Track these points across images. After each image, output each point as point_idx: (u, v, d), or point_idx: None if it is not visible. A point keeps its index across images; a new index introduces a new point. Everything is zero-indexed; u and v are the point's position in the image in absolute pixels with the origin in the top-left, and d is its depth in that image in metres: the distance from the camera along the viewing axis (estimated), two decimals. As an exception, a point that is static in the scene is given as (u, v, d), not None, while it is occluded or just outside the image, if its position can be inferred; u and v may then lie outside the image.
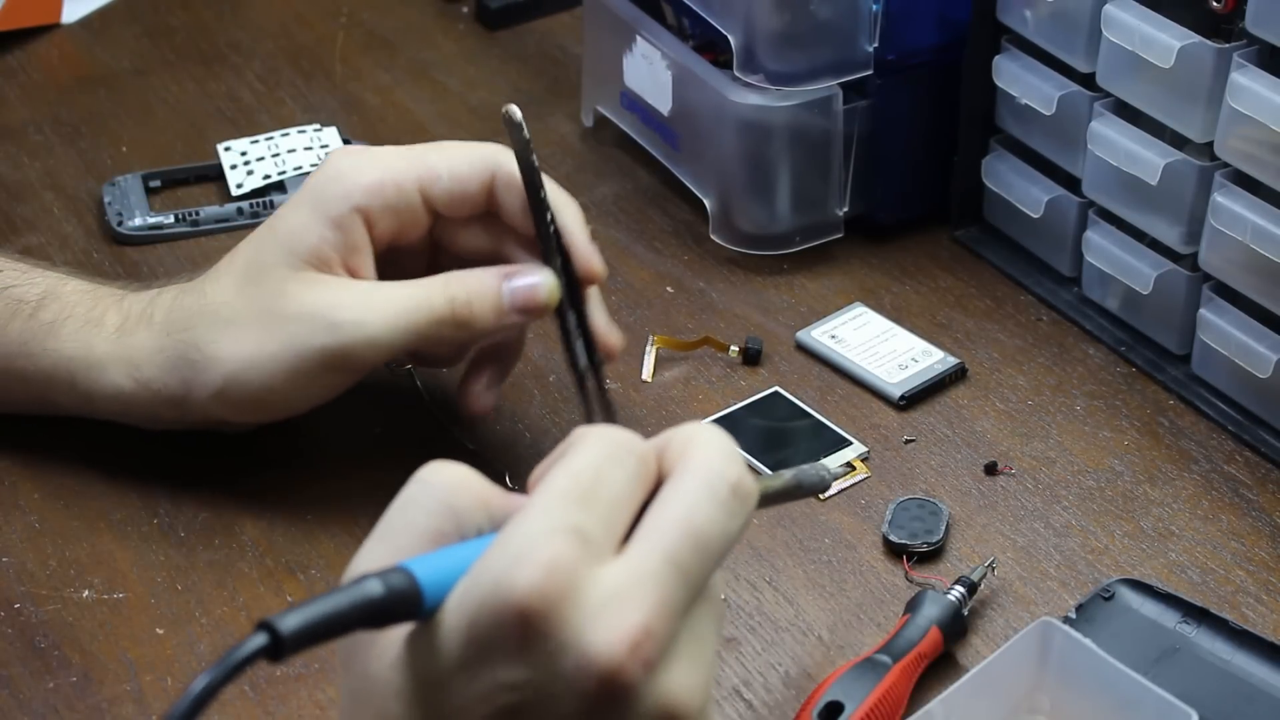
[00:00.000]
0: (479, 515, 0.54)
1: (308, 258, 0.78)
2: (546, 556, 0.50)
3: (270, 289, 0.78)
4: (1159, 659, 0.74)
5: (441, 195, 0.80)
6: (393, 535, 0.54)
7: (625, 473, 0.53)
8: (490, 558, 0.51)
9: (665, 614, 0.51)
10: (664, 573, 0.51)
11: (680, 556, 0.52)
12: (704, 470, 0.54)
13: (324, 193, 0.79)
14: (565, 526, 0.51)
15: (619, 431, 0.55)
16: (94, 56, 1.17)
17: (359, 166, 0.80)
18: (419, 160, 0.80)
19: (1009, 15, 0.93)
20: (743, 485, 0.54)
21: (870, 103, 0.97)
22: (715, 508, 0.53)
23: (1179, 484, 0.85)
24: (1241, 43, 0.82)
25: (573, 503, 0.52)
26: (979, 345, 0.93)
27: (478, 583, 0.51)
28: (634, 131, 1.05)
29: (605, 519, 0.52)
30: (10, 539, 0.81)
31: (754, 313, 0.95)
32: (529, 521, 0.51)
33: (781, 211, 0.98)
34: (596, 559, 0.51)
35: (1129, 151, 0.88)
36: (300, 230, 0.79)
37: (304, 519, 0.82)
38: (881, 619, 0.78)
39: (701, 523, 0.52)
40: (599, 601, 0.50)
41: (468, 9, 1.22)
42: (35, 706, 0.74)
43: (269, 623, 0.49)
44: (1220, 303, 0.87)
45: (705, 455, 0.54)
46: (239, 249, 0.81)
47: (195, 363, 0.79)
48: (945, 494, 0.84)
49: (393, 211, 0.79)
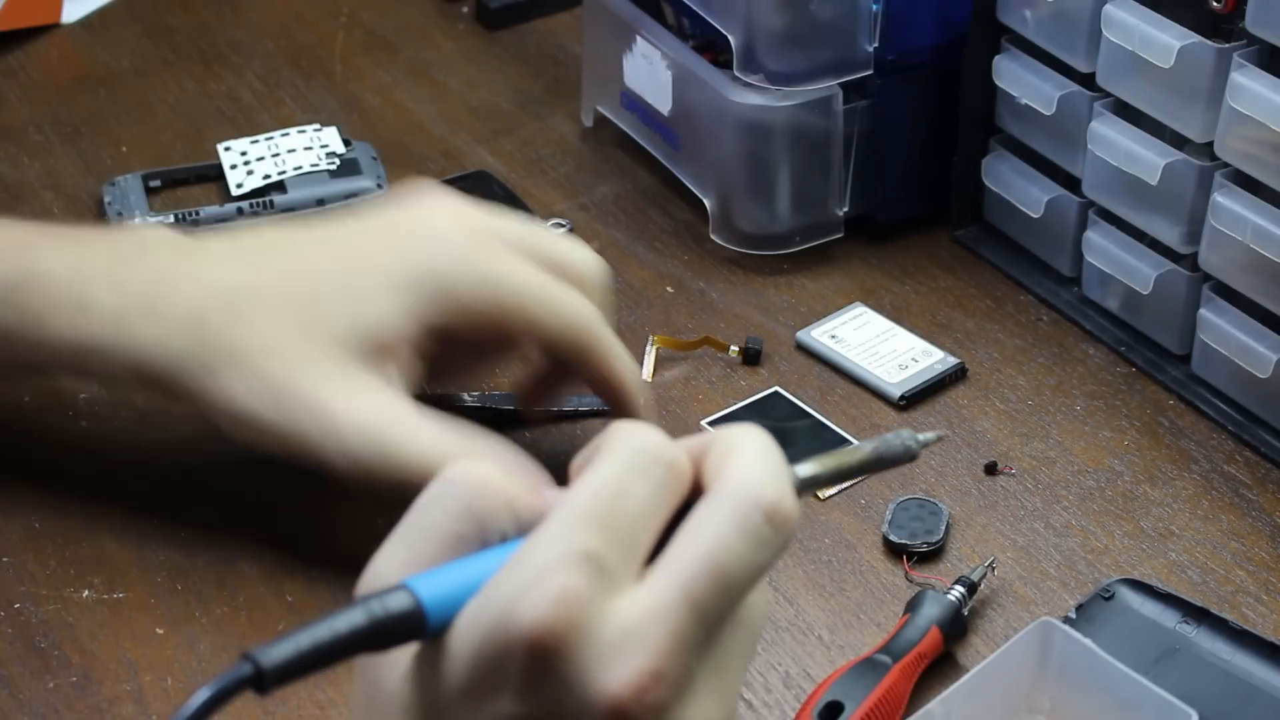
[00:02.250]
0: (504, 519, 0.51)
1: (366, 339, 0.74)
2: (557, 587, 0.47)
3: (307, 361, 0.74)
4: (1159, 659, 0.74)
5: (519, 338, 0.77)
6: (413, 537, 0.51)
7: (650, 485, 0.50)
8: (499, 584, 0.49)
9: (678, 655, 0.48)
10: (680, 611, 0.48)
11: (699, 594, 0.48)
12: (739, 493, 0.50)
13: (413, 281, 0.75)
14: (580, 553, 0.48)
15: (650, 434, 0.51)
16: (94, 56, 1.17)
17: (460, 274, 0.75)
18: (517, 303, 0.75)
19: (1009, 15, 0.93)
20: (780, 510, 0.50)
21: (870, 103, 0.97)
22: (744, 539, 0.49)
23: (1179, 484, 0.85)
24: (1241, 43, 0.82)
25: (590, 524, 0.49)
26: (979, 345, 0.93)
27: (485, 609, 0.48)
28: (634, 131, 1.05)
29: (624, 541, 0.49)
30: (10, 539, 0.81)
31: (754, 313, 0.95)
32: (543, 546, 0.49)
33: (781, 211, 0.98)
34: (611, 587, 0.48)
35: (1129, 151, 0.88)
36: (372, 308, 0.74)
37: (304, 519, 0.82)
38: (881, 619, 0.78)
39: (727, 557, 0.49)
40: (610, 639, 0.48)
41: (468, 9, 1.22)
42: (35, 706, 0.74)
43: (252, 655, 0.47)
44: (1220, 303, 0.87)
45: (743, 473, 0.50)
46: (291, 274, 0.76)
47: (196, 388, 0.75)
48: (945, 494, 0.84)
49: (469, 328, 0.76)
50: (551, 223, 1.01)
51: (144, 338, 0.76)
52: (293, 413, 0.74)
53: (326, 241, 0.78)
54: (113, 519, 0.82)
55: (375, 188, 1.03)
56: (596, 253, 0.81)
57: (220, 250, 0.78)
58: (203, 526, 0.82)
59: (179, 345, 0.75)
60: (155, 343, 0.76)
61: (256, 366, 0.74)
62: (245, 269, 0.76)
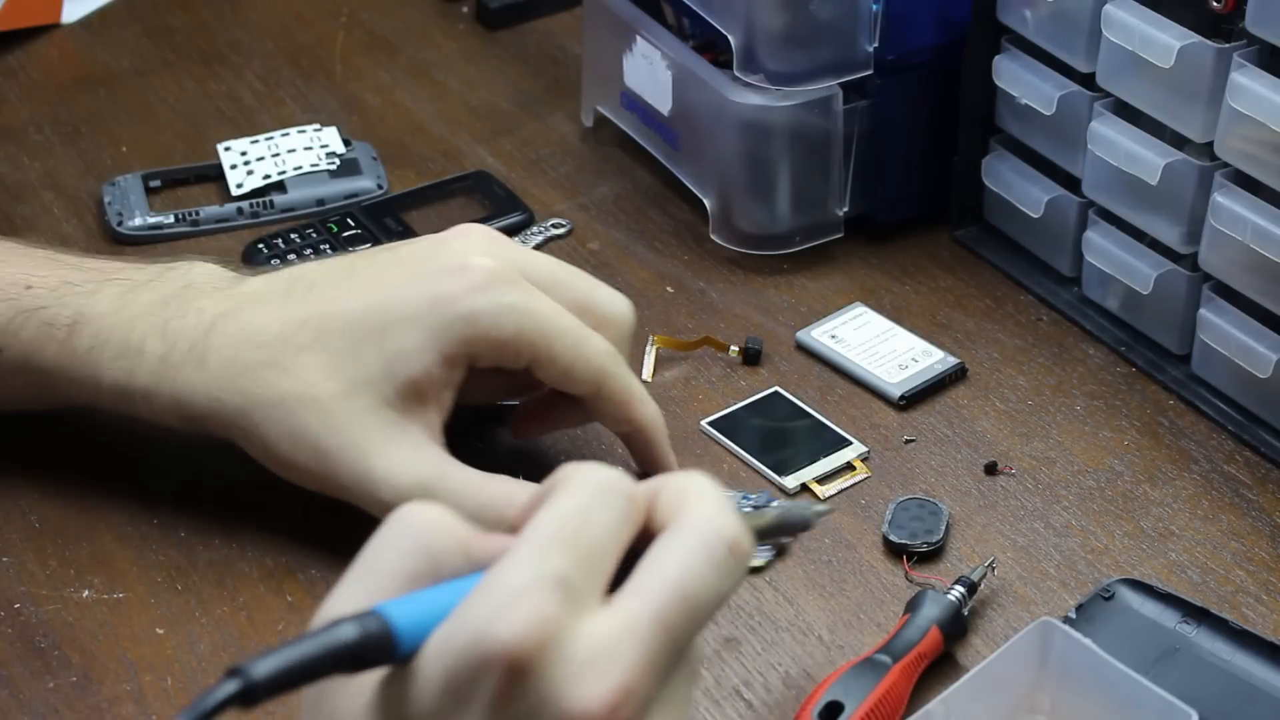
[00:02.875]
0: (457, 558, 0.53)
1: (406, 386, 0.75)
2: (530, 608, 0.49)
3: (349, 414, 0.75)
4: (1159, 659, 0.74)
5: (544, 376, 0.78)
6: (367, 576, 0.52)
7: (612, 515, 0.52)
8: (472, 605, 0.50)
9: (647, 674, 0.50)
10: (650, 633, 0.50)
11: (668, 617, 0.51)
12: (702, 527, 0.52)
13: (450, 325, 0.75)
14: (549, 576, 0.50)
15: (606, 470, 0.53)
16: (94, 56, 1.17)
17: (496, 316, 0.75)
18: (545, 341, 0.76)
19: (1009, 15, 0.93)
20: (740, 545, 0.53)
21: (870, 103, 0.97)
22: (710, 569, 0.52)
23: (1179, 484, 0.85)
24: (1241, 43, 0.82)
25: (557, 550, 0.51)
26: (979, 345, 0.93)
27: (458, 631, 0.50)
28: (634, 131, 1.05)
29: (590, 566, 0.51)
30: (10, 539, 0.81)
31: (754, 313, 0.95)
32: (513, 570, 0.50)
33: (781, 211, 0.98)
34: (580, 609, 0.50)
35: (1129, 151, 0.88)
36: (411, 355, 0.75)
37: (304, 519, 0.82)
38: (881, 619, 0.78)
39: (694, 584, 0.51)
40: (582, 657, 0.49)
41: (468, 9, 1.22)
42: (35, 706, 0.74)
43: (240, 669, 0.48)
44: (1220, 303, 0.87)
45: (704, 511, 0.53)
46: (331, 322, 0.76)
47: (241, 433, 0.77)
48: (945, 494, 0.84)
49: (498, 362, 0.77)
50: (551, 223, 1.01)
51: (189, 385, 0.78)
52: (333, 467, 0.76)
53: (362, 281, 0.78)
54: (113, 519, 0.82)
55: (375, 188, 1.04)
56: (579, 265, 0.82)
57: (262, 293, 0.79)
58: (203, 526, 0.82)
59: (222, 394, 0.77)
60: (200, 390, 0.77)
61: (297, 419, 0.76)
62: (285, 315, 0.78)
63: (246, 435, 0.77)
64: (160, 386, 0.78)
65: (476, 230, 0.80)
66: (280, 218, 1.02)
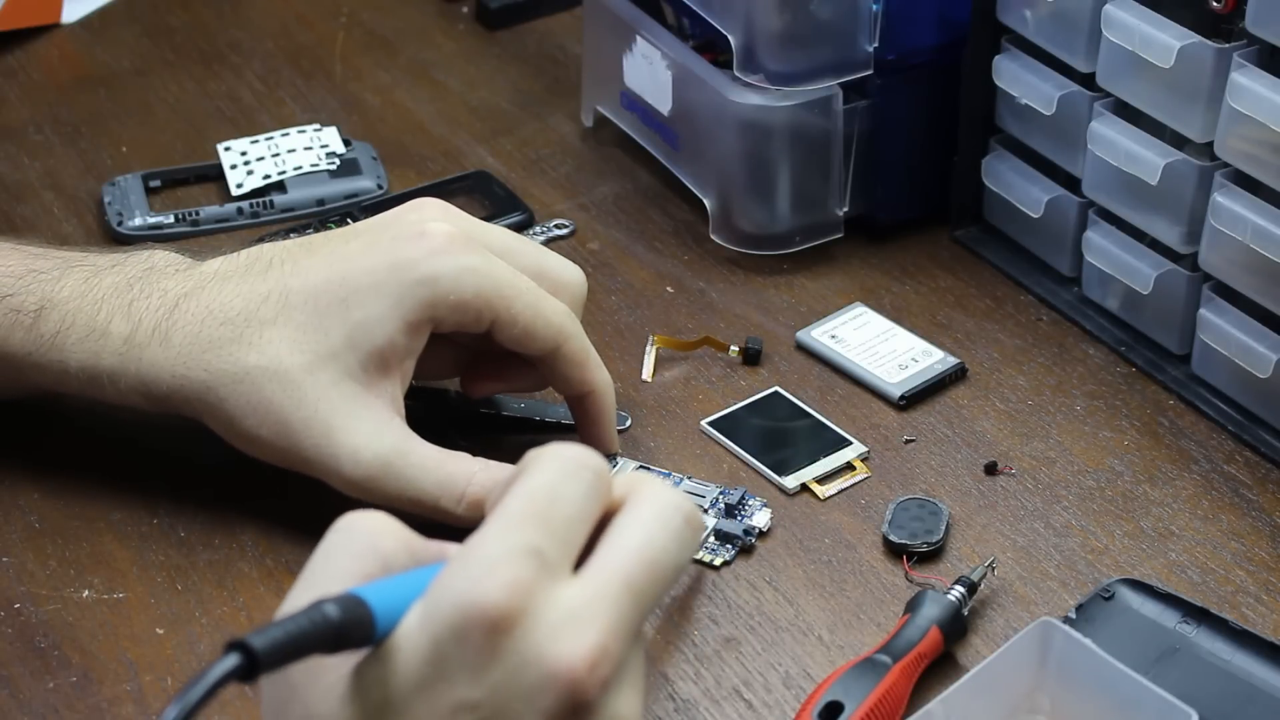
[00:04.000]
0: (403, 558, 0.55)
1: (370, 355, 0.76)
2: (507, 573, 0.51)
3: (314, 387, 0.76)
4: (1159, 659, 0.74)
5: (502, 338, 0.78)
6: (320, 582, 0.54)
7: (581, 488, 0.55)
8: (451, 578, 0.52)
9: (621, 635, 0.53)
10: (621, 596, 0.53)
11: (636, 582, 0.54)
12: (658, 501, 0.56)
13: (411, 292, 0.76)
14: (523, 547, 0.52)
15: (575, 448, 0.56)
16: (94, 56, 1.17)
17: (456, 279, 0.76)
18: (504, 302, 0.77)
19: (1009, 15, 0.93)
20: (694, 517, 0.57)
21: (870, 103, 0.97)
22: (670, 537, 0.55)
23: (1179, 484, 0.85)
24: (1241, 43, 0.82)
25: (529, 523, 0.53)
26: (979, 345, 0.93)
27: (439, 602, 0.52)
28: (634, 131, 1.05)
29: (562, 537, 0.54)
30: (10, 539, 0.81)
31: (754, 313, 0.95)
32: (487, 543, 0.53)
33: (781, 211, 0.98)
34: (554, 578, 0.53)
35: (1129, 151, 0.88)
36: (374, 325, 0.76)
37: (304, 519, 0.82)
38: (881, 619, 0.78)
39: (657, 551, 0.55)
40: (559, 620, 0.52)
41: (468, 9, 1.22)
42: (35, 706, 0.74)
43: (243, 641, 0.49)
44: (1220, 303, 0.87)
45: (657, 488, 0.57)
46: (294, 297, 0.77)
47: (207, 410, 0.78)
48: (945, 494, 0.84)
49: (459, 326, 0.78)
50: (555, 223, 1.01)
51: (154, 364, 0.78)
52: (298, 442, 0.77)
53: (322, 255, 0.79)
54: (113, 519, 0.82)
55: (375, 188, 1.04)
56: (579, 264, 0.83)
57: (224, 272, 0.79)
58: (203, 526, 0.82)
59: (187, 371, 0.77)
60: (165, 369, 0.78)
61: (262, 393, 0.77)
62: (247, 291, 0.78)
63: (212, 411, 0.78)
64: (126, 367, 0.78)
65: (431, 202, 0.80)
66: (280, 218, 1.02)
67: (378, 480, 0.76)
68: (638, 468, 0.84)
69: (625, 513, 0.56)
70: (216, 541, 0.81)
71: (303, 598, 0.53)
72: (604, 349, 0.92)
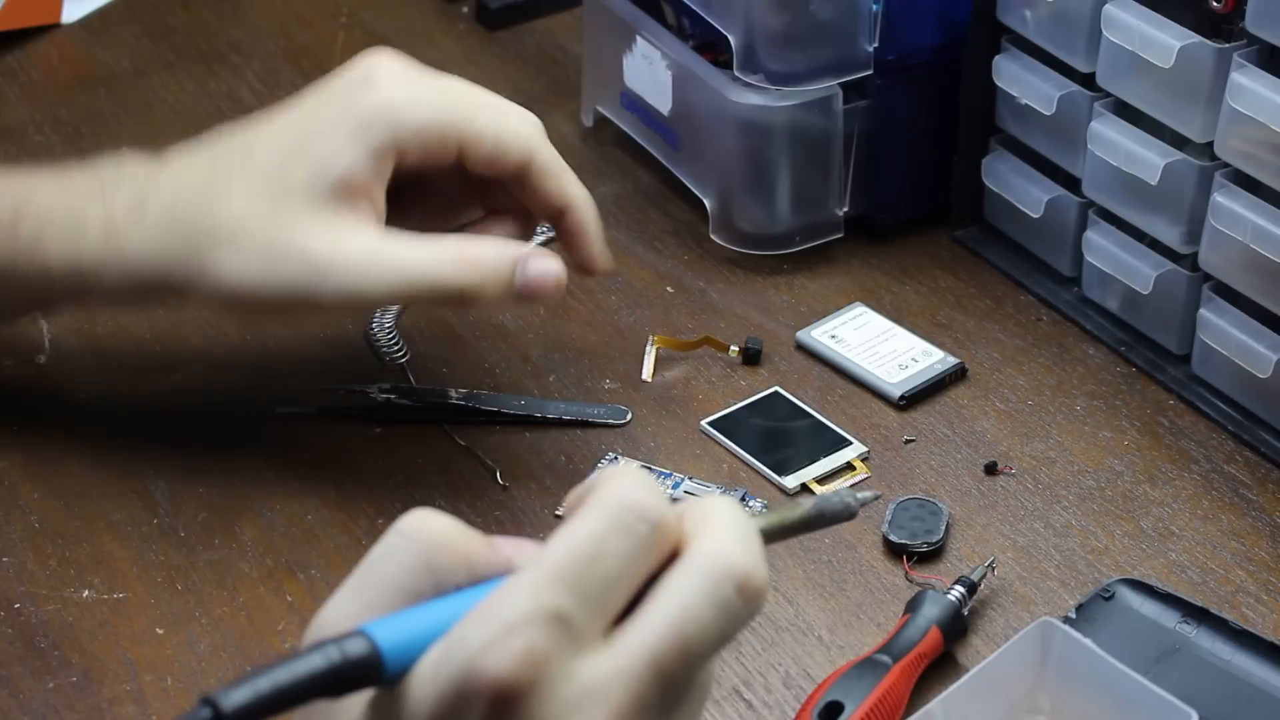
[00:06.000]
0: (460, 574, 0.51)
1: (335, 186, 0.76)
2: (523, 644, 0.47)
3: (286, 219, 0.76)
4: (1159, 659, 0.74)
5: (475, 160, 0.79)
6: (367, 589, 0.51)
7: (631, 544, 0.50)
8: (464, 633, 0.49)
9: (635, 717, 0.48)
10: (644, 675, 0.49)
11: (664, 660, 0.49)
12: (712, 563, 0.50)
13: (369, 118, 0.77)
14: (549, 611, 0.48)
15: (637, 490, 0.50)
16: (94, 56, 1.17)
17: (411, 101, 0.78)
18: (467, 118, 0.78)
19: (1009, 15, 0.93)
20: (752, 582, 0.50)
21: (870, 103, 0.97)
22: (714, 611, 0.49)
23: (1179, 484, 0.85)
24: (1241, 43, 0.82)
25: (563, 583, 0.49)
26: (979, 345, 0.93)
27: (449, 659, 0.48)
28: (634, 131, 1.05)
29: (595, 602, 0.49)
30: (10, 539, 0.81)
31: (754, 313, 0.95)
32: (512, 601, 0.48)
33: (781, 211, 0.98)
34: (578, 647, 0.48)
35: (1129, 151, 0.88)
36: (335, 154, 0.77)
37: (304, 519, 0.82)
38: (881, 619, 0.78)
39: (695, 627, 0.49)
40: (571, 698, 0.48)
41: (468, 9, 1.22)
42: (35, 706, 0.74)
43: (211, 699, 0.46)
44: (1220, 303, 0.87)
45: (718, 543, 0.50)
46: (255, 150, 0.78)
47: (193, 276, 0.77)
48: (945, 494, 0.84)
49: (426, 156, 0.78)
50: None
51: (134, 244, 0.78)
52: (283, 269, 0.76)
53: (278, 114, 0.80)
54: (113, 519, 0.82)
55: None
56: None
57: (187, 149, 0.81)
58: (203, 526, 0.82)
59: (167, 243, 0.78)
60: (146, 246, 0.78)
61: (240, 237, 0.77)
62: (212, 156, 0.80)
63: (197, 279, 0.77)
64: (107, 258, 0.78)
65: (380, 49, 0.81)
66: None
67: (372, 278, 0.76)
68: (639, 468, 0.84)
69: (673, 574, 0.50)
70: (216, 541, 0.81)
71: (350, 601, 0.51)
72: (604, 349, 0.92)
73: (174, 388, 0.90)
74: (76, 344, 0.92)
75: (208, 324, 0.94)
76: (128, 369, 0.91)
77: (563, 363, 0.91)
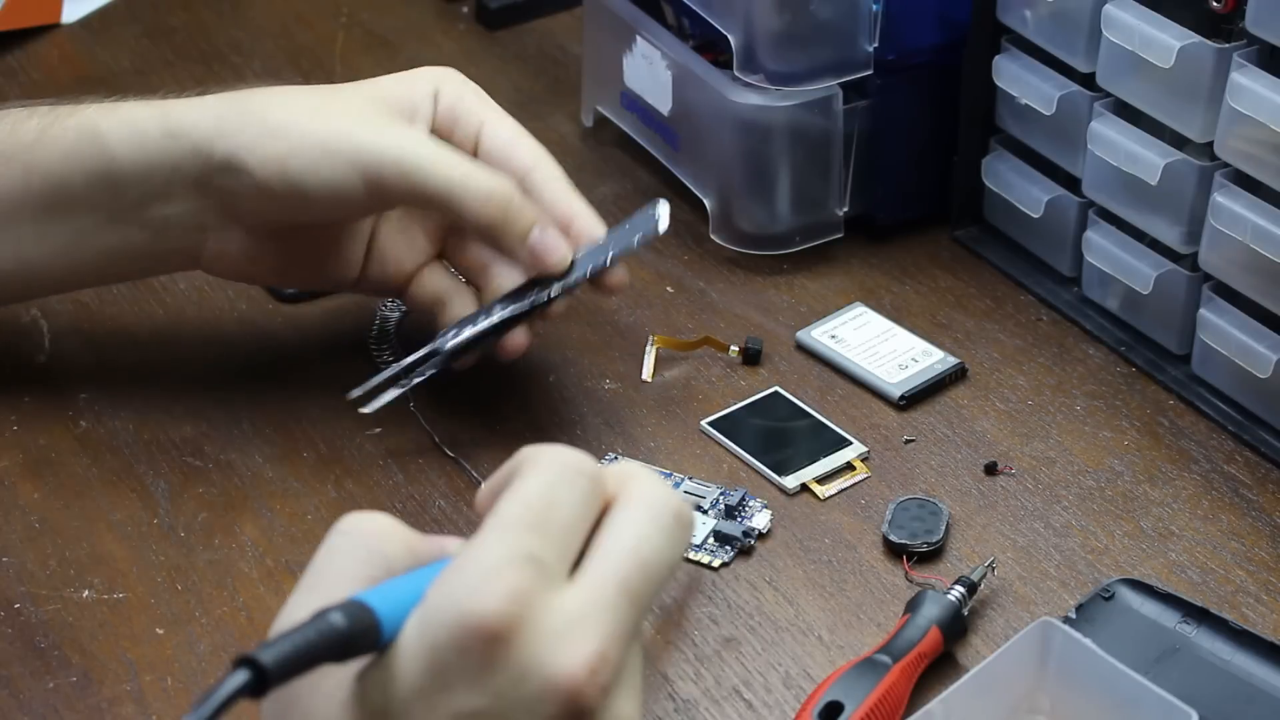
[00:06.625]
0: (406, 560, 0.55)
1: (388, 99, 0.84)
2: (505, 582, 0.51)
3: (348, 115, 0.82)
4: (1159, 659, 0.74)
5: None
6: (322, 586, 0.53)
7: (578, 494, 0.55)
8: (449, 585, 0.52)
9: (618, 640, 0.52)
10: (617, 600, 0.53)
11: (631, 584, 0.53)
12: (649, 499, 0.55)
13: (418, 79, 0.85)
14: (521, 554, 0.52)
15: (570, 452, 0.56)
16: (94, 56, 1.17)
17: None
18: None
19: (1009, 15, 0.93)
20: (683, 513, 0.56)
21: (870, 103, 0.97)
22: (661, 535, 0.55)
23: (1179, 484, 0.85)
24: (1241, 43, 0.82)
25: (526, 530, 0.53)
26: (979, 345, 0.93)
27: (438, 609, 0.51)
28: (634, 131, 1.05)
29: (559, 544, 0.53)
30: (10, 539, 0.81)
31: (754, 313, 0.95)
32: (485, 550, 0.52)
33: (781, 211, 0.98)
34: (551, 585, 0.52)
35: (1129, 151, 0.88)
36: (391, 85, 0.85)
37: (304, 519, 0.82)
38: (881, 619, 0.78)
39: (650, 551, 0.54)
40: (557, 628, 0.51)
41: (468, 9, 1.22)
42: (35, 706, 0.74)
43: (252, 657, 0.48)
44: (1220, 303, 0.87)
45: (647, 485, 0.56)
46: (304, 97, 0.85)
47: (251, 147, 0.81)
48: (945, 494, 0.84)
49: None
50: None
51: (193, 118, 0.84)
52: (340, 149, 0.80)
53: None
54: (113, 519, 0.82)
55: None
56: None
57: None
58: (203, 526, 0.82)
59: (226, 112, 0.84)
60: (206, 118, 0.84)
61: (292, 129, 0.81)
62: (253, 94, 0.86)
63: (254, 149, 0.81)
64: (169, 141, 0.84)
65: None
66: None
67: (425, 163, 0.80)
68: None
69: (617, 512, 0.55)
70: (216, 541, 0.81)
71: (306, 601, 0.53)
72: (604, 349, 0.92)
73: (174, 388, 0.90)
74: (76, 344, 0.92)
75: (208, 324, 0.94)
76: (128, 369, 0.91)
77: (563, 363, 0.91)
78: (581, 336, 0.93)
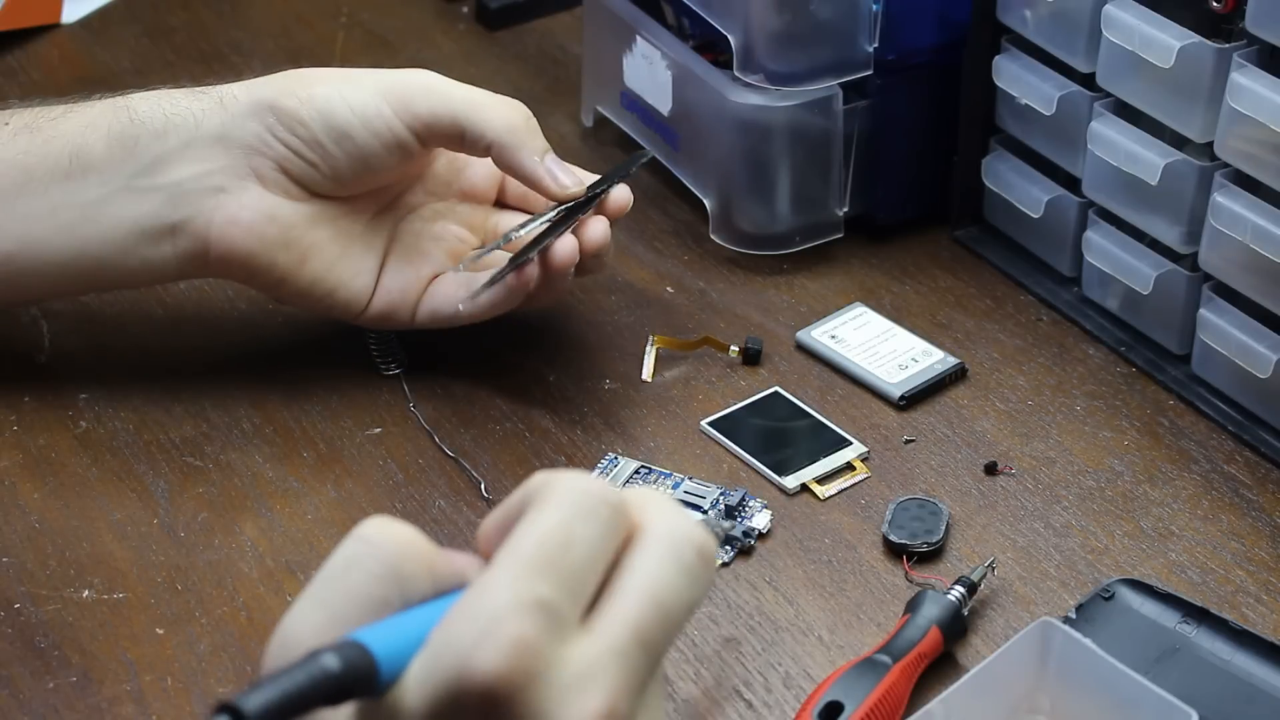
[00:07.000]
0: (424, 582, 0.51)
1: None
2: (512, 635, 0.47)
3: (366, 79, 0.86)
4: (1159, 659, 0.74)
5: None
6: (334, 600, 0.50)
7: (597, 529, 0.51)
8: (452, 632, 0.48)
9: (629, 692, 0.49)
10: (630, 650, 0.49)
11: (646, 631, 0.50)
12: (669, 534, 0.52)
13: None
14: (530, 600, 0.48)
15: (589, 479, 0.52)
16: (94, 56, 1.17)
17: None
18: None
19: (1009, 15, 0.93)
20: (706, 549, 0.52)
21: (870, 103, 0.97)
22: (681, 576, 0.51)
23: (1179, 484, 0.85)
24: (1241, 43, 0.82)
25: (538, 572, 0.49)
26: (979, 345, 0.93)
27: (439, 660, 0.48)
28: (634, 131, 1.05)
29: (573, 587, 0.50)
30: (10, 539, 0.81)
31: (754, 313, 0.95)
32: (493, 593, 0.48)
33: (781, 211, 0.98)
34: (563, 634, 0.49)
35: (1129, 151, 0.88)
36: None
37: (304, 519, 0.82)
38: (881, 619, 0.78)
39: (669, 593, 0.51)
40: (565, 682, 0.48)
41: (468, 9, 1.22)
42: (35, 706, 0.74)
43: (232, 704, 0.46)
44: (1220, 303, 0.87)
45: (667, 518, 0.52)
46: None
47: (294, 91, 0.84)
48: (945, 494, 0.84)
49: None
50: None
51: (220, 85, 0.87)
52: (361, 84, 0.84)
53: None
54: (113, 519, 0.82)
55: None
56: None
57: None
58: (203, 526, 0.82)
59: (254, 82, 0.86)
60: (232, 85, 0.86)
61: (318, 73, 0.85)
62: None
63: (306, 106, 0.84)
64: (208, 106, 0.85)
65: None
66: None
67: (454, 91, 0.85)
68: (639, 467, 0.84)
69: (635, 549, 0.51)
70: (216, 541, 0.81)
71: (313, 614, 0.50)
72: (604, 349, 0.92)
73: (174, 387, 0.90)
74: (76, 344, 0.92)
75: (208, 324, 0.94)
76: (128, 369, 0.91)
77: (563, 363, 0.91)
78: (581, 336, 0.93)
